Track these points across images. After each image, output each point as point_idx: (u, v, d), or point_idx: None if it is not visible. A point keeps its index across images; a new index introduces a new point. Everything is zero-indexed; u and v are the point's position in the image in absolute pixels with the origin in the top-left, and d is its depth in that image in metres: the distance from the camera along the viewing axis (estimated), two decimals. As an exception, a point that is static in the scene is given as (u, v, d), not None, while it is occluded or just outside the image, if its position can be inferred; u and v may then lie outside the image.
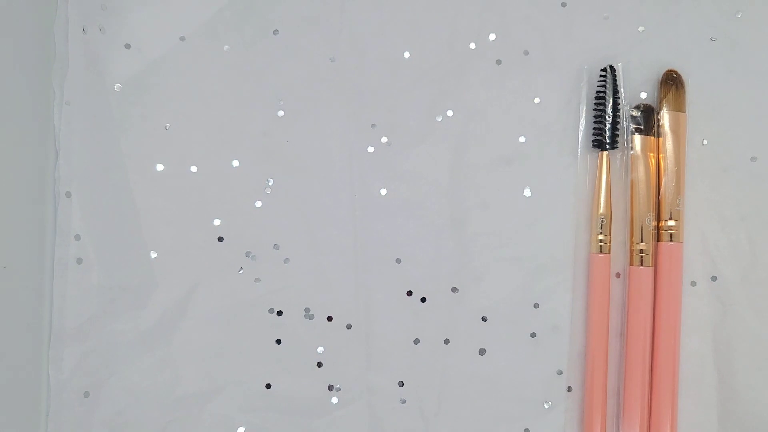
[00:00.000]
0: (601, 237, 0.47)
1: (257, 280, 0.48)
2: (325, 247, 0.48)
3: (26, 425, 0.46)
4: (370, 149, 0.49)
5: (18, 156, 0.45)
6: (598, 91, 0.47)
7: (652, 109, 0.47)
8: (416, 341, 0.48)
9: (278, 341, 0.48)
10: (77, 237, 0.47)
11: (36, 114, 0.47)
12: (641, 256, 0.46)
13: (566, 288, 0.47)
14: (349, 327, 0.48)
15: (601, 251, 0.47)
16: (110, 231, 0.48)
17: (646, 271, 0.46)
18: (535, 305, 0.48)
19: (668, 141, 0.47)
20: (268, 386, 0.48)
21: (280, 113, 0.49)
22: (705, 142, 0.48)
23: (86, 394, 0.47)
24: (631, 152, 0.47)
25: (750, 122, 0.48)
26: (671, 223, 0.46)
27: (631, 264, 0.47)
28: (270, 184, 0.48)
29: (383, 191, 0.48)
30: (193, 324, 0.48)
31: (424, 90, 0.48)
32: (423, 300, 0.48)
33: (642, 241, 0.46)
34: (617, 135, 0.47)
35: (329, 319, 0.48)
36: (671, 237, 0.46)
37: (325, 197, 0.48)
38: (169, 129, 0.48)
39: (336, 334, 0.48)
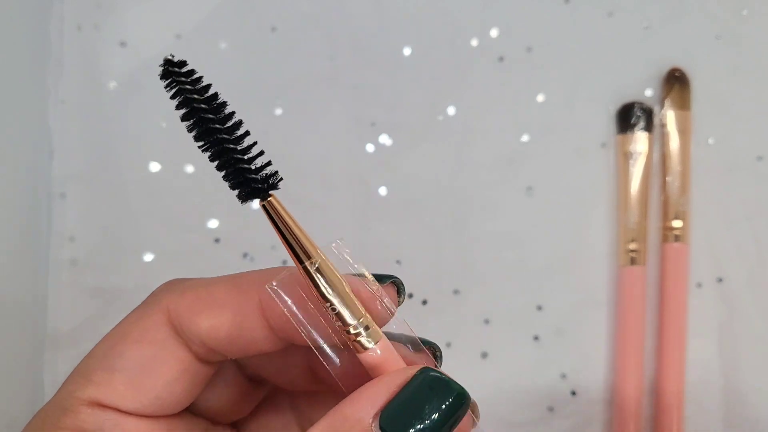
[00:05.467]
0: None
1: (255, 282, 0.47)
2: (323, 249, 0.47)
3: (21, 430, 0.45)
4: (370, 148, 0.48)
5: (12, 156, 0.45)
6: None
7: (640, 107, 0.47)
8: (417, 344, 0.47)
9: (276, 344, 0.47)
10: (72, 238, 0.47)
11: (30, 113, 0.46)
12: (632, 256, 0.46)
13: (570, 290, 0.47)
14: (348, 330, 0.47)
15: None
16: (105, 232, 0.47)
17: (639, 270, 0.45)
18: (539, 308, 0.47)
19: (673, 140, 0.46)
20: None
21: (278, 112, 0.48)
22: (710, 141, 0.47)
23: (81, 399, 0.46)
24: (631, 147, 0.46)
25: (756, 121, 0.47)
26: (677, 223, 0.45)
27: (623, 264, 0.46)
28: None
29: (383, 191, 0.48)
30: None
31: (425, 88, 0.48)
32: (424, 302, 0.47)
33: (633, 241, 0.46)
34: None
35: (328, 321, 0.47)
36: (676, 238, 0.45)
37: (324, 197, 0.47)
38: (165, 128, 0.48)
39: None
